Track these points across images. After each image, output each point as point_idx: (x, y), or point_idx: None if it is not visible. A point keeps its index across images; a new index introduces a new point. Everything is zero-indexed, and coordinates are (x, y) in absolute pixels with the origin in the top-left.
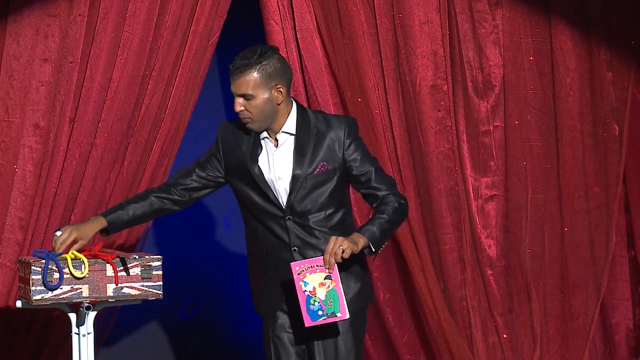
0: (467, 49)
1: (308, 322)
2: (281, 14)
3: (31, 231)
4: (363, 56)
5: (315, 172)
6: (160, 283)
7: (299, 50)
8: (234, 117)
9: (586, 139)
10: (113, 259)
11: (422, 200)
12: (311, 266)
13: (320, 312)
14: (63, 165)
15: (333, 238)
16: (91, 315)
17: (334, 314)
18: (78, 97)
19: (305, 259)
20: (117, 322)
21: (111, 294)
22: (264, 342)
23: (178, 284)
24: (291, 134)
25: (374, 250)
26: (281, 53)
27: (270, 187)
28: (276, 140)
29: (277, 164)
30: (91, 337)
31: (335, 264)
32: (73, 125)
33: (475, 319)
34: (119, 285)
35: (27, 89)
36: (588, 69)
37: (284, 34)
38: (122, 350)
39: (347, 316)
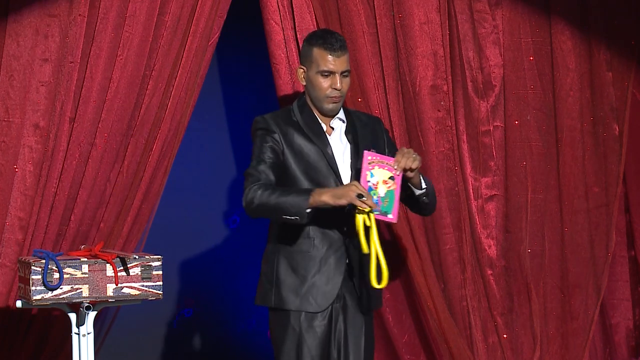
0: (467, 49)
1: None
2: (281, 14)
3: (31, 231)
4: (363, 56)
5: None
6: (160, 283)
7: (299, 50)
8: (234, 117)
9: (586, 139)
10: (113, 259)
11: None
12: (382, 161)
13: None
14: (63, 165)
15: (404, 148)
16: (91, 315)
17: (386, 214)
18: (78, 97)
19: (355, 251)
20: (117, 322)
21: (111, 294)
22: (283, 335)
23: (178, 284)
24: (342, 121)
25: (422, 186)
26: (281, 53)
27: (336, 170)
28: (331, 127)
29: (335, 150)
30: (91, 337)
31: (401, 171)
32: (73, 125)
33: (475, 319)
34: (119, 285)
35: (27, 89)
36: (588, 69)
37: (284, 34)
38: (122, 350)
39: (396, 220)
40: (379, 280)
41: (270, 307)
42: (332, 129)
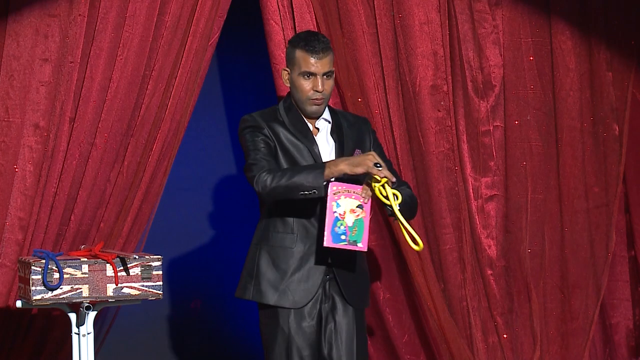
0: (467, 49)
1: (329, 242)
2: (281, 14)
3: (31, 231)
4: (363, 56)
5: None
6: (160, 283)
7: None
8: (234, 117)
9: (586, 139)
10: (113, 259)
11: (422, 201)
12: (348, 190)
13: (343, 237)
14: (63, 165)
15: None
16: (91, 315)
17: (355, 243)
18: (78, 97)
19: (337, 250)
20: (117, 322)
21: (111, 294)
22: (272, 335)
23: (178, 284)
24: (328, 121)
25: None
26: (281, 53)
27: None
28: (316, 128)
29: (322, 148)
30: (91, 337)
31: (370, 198)
32: (73, 125)
33: (475, 319)
34: (119, 285)
35: (27, 89)
36: (588, 69)
37: (284, 34)
38: (122, 350)
39: (366, 249)
40: (416, 243)
41: (259, 306)
42: (318, 129)
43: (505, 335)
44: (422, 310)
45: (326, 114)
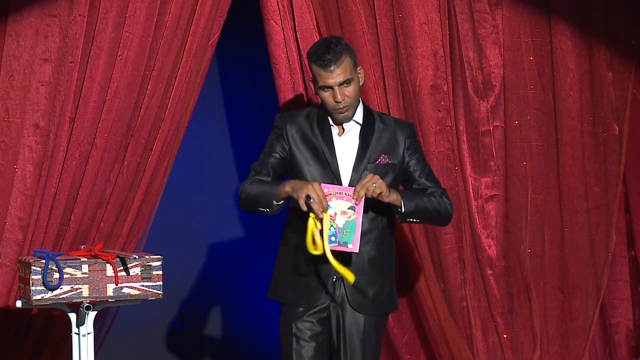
0: (467, 49)
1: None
2: (281, 14)
3: (31, 231)
4: (363, 56)
5: (376, 163)
6: (160, 283)
7: (299, 50)
8: (234, 117)
9: (586, 139)
10: (113, 259)
11: None
12: (339, 192)
13: (333, 238)
14: (63, 165)
15: (370, 174)
16: (91, 315)
17: (345, 244)
18: (78, 97)
19: (351, 254)
20: (117, 322)
21: (111, 294)
22: (283, 331)
23: (178, 284)
24: (358, 123)
25: (401, 210)
26: (281, 53)
27: (335, 170)
28: (342, 128)
29: (341, 150)
30: (91, 337)
31: (363, 199)
32: (73, 125)
33: (475, 319)
34: (119, 285)
35: (27, 89)
36: (588, 69)
37: (284, 34)
38: (122, 350)
39: (357, 250)
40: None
41: (281, 303)
42: (344, 130)
43: (505, 335)
44: (422, 310)
45: (358, 116)
